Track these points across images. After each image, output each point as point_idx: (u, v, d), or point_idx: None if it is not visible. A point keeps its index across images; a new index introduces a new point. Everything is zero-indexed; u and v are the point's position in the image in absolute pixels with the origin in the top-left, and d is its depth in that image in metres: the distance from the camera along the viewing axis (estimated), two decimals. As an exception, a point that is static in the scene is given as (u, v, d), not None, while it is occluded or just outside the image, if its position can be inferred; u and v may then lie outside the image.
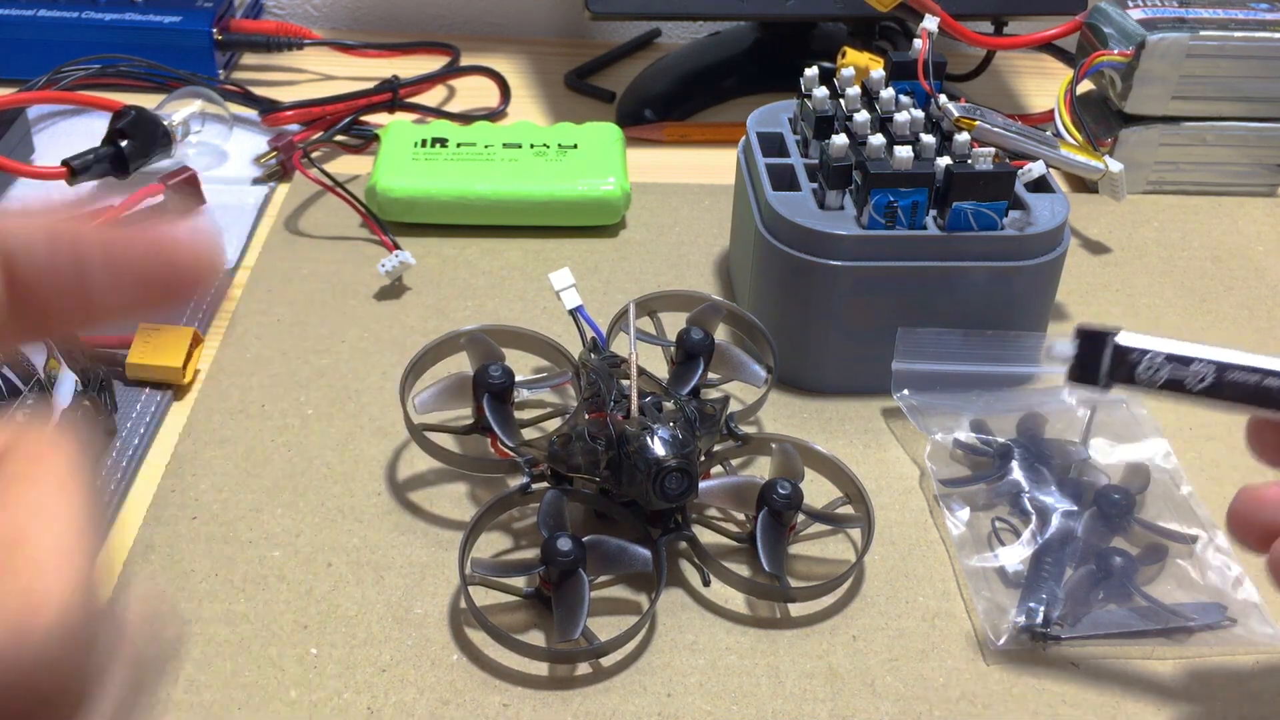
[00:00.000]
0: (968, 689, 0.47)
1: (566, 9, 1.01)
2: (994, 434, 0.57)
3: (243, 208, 0.74)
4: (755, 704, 0.46)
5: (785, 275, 0.58)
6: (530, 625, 0.49)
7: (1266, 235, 0.76)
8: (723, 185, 0.75)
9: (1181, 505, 0.54)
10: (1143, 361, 0.38)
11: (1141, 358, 0.38)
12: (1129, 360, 0.38)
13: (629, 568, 0.49)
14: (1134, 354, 0.38)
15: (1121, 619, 0.49)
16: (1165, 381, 0.38)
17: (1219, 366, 0.38)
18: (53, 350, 0.52)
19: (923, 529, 0.54)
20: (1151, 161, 0.78)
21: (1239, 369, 0.38)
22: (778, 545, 0.50)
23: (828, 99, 0.61)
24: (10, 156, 0.72)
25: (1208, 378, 0.38)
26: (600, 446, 0.49)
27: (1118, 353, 0.38)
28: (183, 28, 0.86)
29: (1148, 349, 0.38)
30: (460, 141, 0.75)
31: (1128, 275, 0.71)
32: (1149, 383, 0.38)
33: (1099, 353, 0.38)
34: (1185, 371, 0.38)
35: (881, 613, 0.50)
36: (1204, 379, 0.38)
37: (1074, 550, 0.51)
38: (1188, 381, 0.38)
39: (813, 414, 0.60)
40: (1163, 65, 0.74)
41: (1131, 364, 0.38)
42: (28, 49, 0.84)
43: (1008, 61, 0.96)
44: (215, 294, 0.66)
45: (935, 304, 0.58)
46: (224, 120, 0.79)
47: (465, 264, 0.70)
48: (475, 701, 0.46)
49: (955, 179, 0.56)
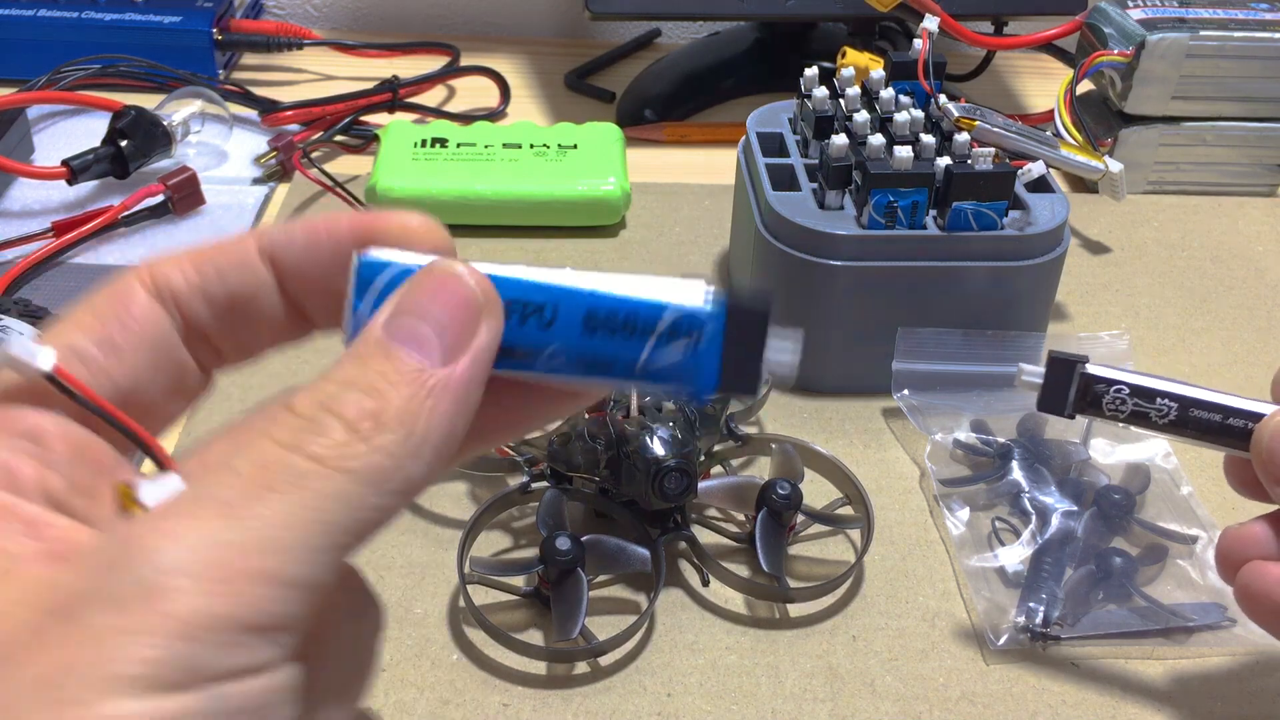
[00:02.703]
0: (968, 689, 0.47)
1: (566, 9, 1.01)
2: (994, 434, 0.57)
3: (243, 208, 0.74)
4: (755, 704, 0.46)
5: (785, 275, 0.58)
6: (529, 624, 0.49)
7: (1266, 235, 0.76)
8: (723, 185, 0.75)
9: (1181, 505, 0.54)
10: (1109, 393, 0.38)
11: (1108, 389, 0.38)
12: (1095, 391, 0.38)
13: (628, 567, 0.49)
14: (1100, 385, 0.38)
15: (1121, 619, 0.49)
16: (1130, 414, 0.38)
17: (1183, 403, 0.38)
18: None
19: (923, 529, 0.54)
20: (1151, 161, 0.78)
21: (1203, 406, 0.38)
22: (777, 545, 0.50)
23: (828, 99, 0.61)
24: (10, 156, 0.71)
25: (1171, 414, 0.38)
26: (599, 446, 0.49)
27: (1084, 382, 0.38)
28: (183, 28, 0.86)
29: (1115, 381, 0.38)
30: (460, 141, 0.75)
31: (1128, 275, 0.71)
32: (1114, 414, 0.38)
33: (1067, 381, 0.38)
34: (1149, 406, 0.38)
35: (881, 613, 0.50)
36: (1167, 415, 0.38)
37: (1074, 550, 0.51)
38: (1152, 416, 0.38)
39: (813, 414, 0.60)
40: (1163, 65, 0.74)
41: (1097, 395, 0.38)
42: (28, 49, 0.84)
43: (1008, 61, 0.96)
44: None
45: (935, 304, 0.58)
46: (224, 120, 0.79)
47: (465, 264, 0.70)
48: (475, 701, 0.46)
49: (955, 179, 0.56)
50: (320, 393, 0.21)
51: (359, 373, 0.22)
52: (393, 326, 0.22)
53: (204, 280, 0.24)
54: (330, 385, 0.22)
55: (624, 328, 0.23)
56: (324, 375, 0.22)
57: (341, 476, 0.21)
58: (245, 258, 0.24)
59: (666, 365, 0.23)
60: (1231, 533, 0.40)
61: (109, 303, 0.24)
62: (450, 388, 0.22)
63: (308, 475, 0.20)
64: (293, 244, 0.24)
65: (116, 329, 0.24)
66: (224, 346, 0.25)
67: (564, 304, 0.23)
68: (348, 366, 0.22)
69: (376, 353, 0.22)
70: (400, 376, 0.22)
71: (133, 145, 0.73)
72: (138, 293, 0.24)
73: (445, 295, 0.22)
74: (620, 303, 0.23)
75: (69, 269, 0.68)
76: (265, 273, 0.24)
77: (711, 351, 0.23)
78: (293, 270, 0.24)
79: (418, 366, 0.22)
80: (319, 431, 0.21)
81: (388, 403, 0.21)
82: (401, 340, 0.22)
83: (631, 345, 0.23)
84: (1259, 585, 0.39)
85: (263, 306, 0.25)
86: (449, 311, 0.22)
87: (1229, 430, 0.38)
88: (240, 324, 0.25)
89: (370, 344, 0.22)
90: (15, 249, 0.68)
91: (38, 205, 0.73)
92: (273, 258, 0.24)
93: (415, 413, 0.21)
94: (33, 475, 0.22)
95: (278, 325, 0.25)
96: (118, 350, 0.23)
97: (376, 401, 0.21)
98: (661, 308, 0.23)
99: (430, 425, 0.22)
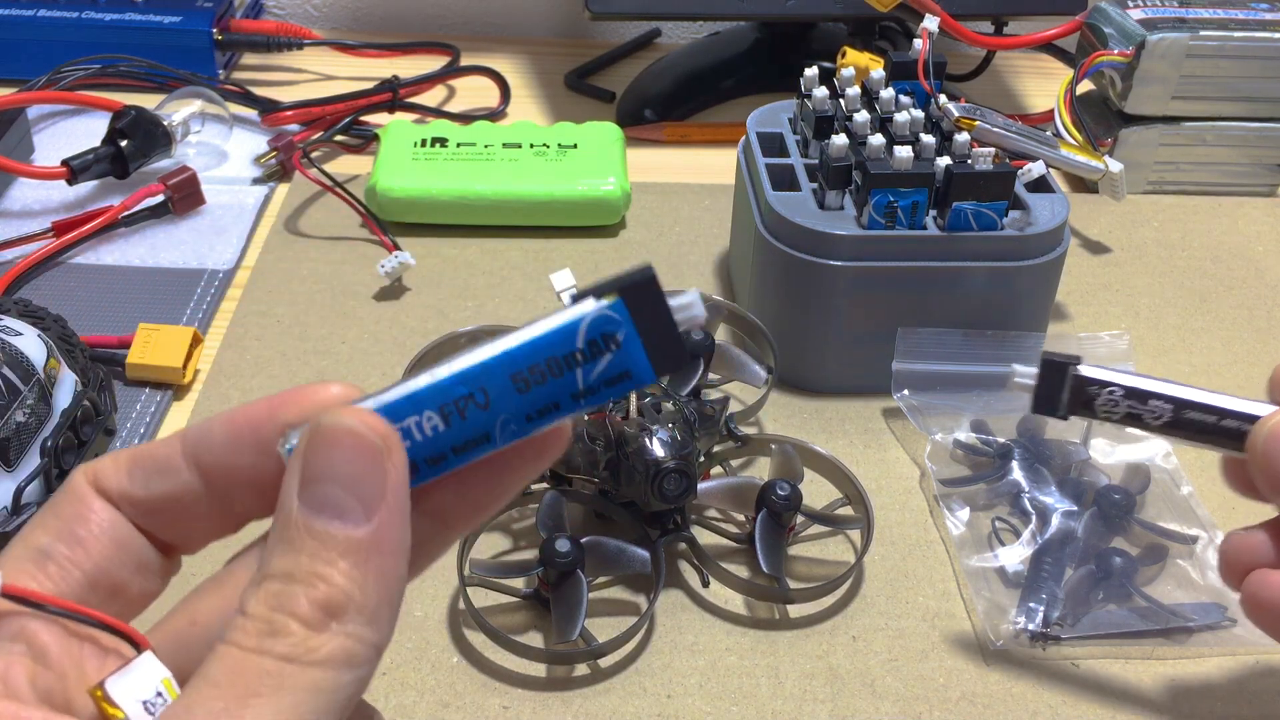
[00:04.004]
0: (968, 689, 0.47)
1: (566, 9, 1.01)
2: (994, 434, 0.57)
3: (243, 208, 0.74)
4: (755, 704, 0.46)
5: (785, 275, 0.58)
6: (529, 626, 0.49)
7: (1266, 235, 0.76)
8: (723, 185, 0.75)
9: (1181, 505, 0.54)
10: (1101, 395, 0.38)
11: (1100, 391, 0.38)
12: (1088, 392, 0.38)
13: (628, 569, 0.49)
14: (1093, 386, 0.38)
15: (1121, 619, 0.49)
16: (1124, 415, 0.38)
17: (1177, 405, 0.38)
18: (53, 350, 0.52)
19: (923, 529, 0.54)
20: (1151, 161, 0.78)
21: (1198, 408, 0.38)
22: (777, 546, 0.50)
23: (828, 99, 0.61)
24: (10, 156, 0.72)
25: (1164, 415, 0.38)
26: (599, 447, 0.49)
27: (1077, 383, 0.38)
28: (183, 28, 0.86)
29: (1108, 382, 0.38)
30: (460, 141, 0.75)
31: (1128, 275, 0.71)
32: (1108, 415, 0.38)
33: (1060, 382, 0.38)
34: (1143, 408, 0.38)
35: (881, 613, 0.50)
36: (1161, 416, 0.38)
37: (1074, 550, 0.51)
38: (1145, 417, 0.38)
39: (813, 414, 0.60)
40: (1163, 65, 0.74)
41: (1090, 396, 0.38)
42: (28, 49, 0.84)
43: (1008, 61, 0.96)
44: (215, 294, 0.66)
45: (935, 304, 0.58)
46: (224, 120, 0.79)
47: (465, 264, 0.70)
48: (475, 704, 0.46)
49: (955, 179, 0.56)
50: (266, 594, 0.22)
51: (294, 563, 0.22)
52: (307, 499, 0.22)
53: (132, 484, 0.25)
54: (273, 583, 0.22)
55: (549, 367, 0.24)
56: (264, 568, 0.22)
57: (314, 670, 0.22)
58: (169, 462, 0.25)
59: (603, 377, 0.24)
60: (1235, 539, 0.40)
61: (68, 502, 0.25)
62: (380, 541, 0.22)
63: (283, 674, 0.21)
64: (213, 443, 0.25)
65: (78, 523, 0.25)
66: (166, 539, 0.26)
67: (487, 379, 0.24)
68: (282, 558, 0.22)
69: (302, 534, 0.22)
70: (333, 552, 0.22)
71: (133, 145, 0.73)
72: (88, 490, 0.25)
73: (344, 451, 0.23)
74: (533, 347, 0.24)
75: (69, 269, 0.68)
76: (188, 474, 0.25)
77: (633, 342, 0.24)
78: (218, 468, 0.25)
79: (344, 535, 0.22)
80: (279, 633, 0.22)
81: (333, 587, 0.22)
82: (318, 511, 0.22)
83: (566, 380, 0.24)
84: (1266, 595, 0.39)
85: (188, 506, 0.25)
86: (354, 467, 0.22)
87: (1224, 432, 0.38)
88: (170, 522, 0.26)
89: (293, 526, 0.22)
90: (15, 249, 0.68)
91: (38, 205, 0.73)
92: (196, 459, 0.25)
93: (360, 584, 0.22)
94: (25, 676, 0.23)
95: (209, 522, 0.26)
96: (81, 542, 0.25)
97: (321, 589, 0.22)
98: (573, 327, 0.24)
99: (378, 588, 0.22)
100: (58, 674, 0.24)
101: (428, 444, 0.24)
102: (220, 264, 0.69)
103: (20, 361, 0.50)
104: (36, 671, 0.23)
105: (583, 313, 0.24)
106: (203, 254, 0.70)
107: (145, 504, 0.25)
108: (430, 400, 0.24)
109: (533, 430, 0.24)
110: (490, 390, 0.24)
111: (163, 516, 0.25)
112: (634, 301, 0.24)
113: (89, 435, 0.53)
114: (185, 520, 0.25)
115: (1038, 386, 0.38)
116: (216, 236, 0.71)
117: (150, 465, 0.25)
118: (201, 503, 0.25)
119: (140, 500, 0.25)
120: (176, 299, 0.66)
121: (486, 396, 0.24)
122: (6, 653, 0.23)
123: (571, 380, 0.24)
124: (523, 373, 0.24)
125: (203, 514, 0.25)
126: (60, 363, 0.53)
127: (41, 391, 0.50)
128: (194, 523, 0.26)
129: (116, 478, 0.25)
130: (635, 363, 0.24)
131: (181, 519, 0.25)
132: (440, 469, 0.24)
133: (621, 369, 0.24)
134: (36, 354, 0.51)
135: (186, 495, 0.25)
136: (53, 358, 0.52)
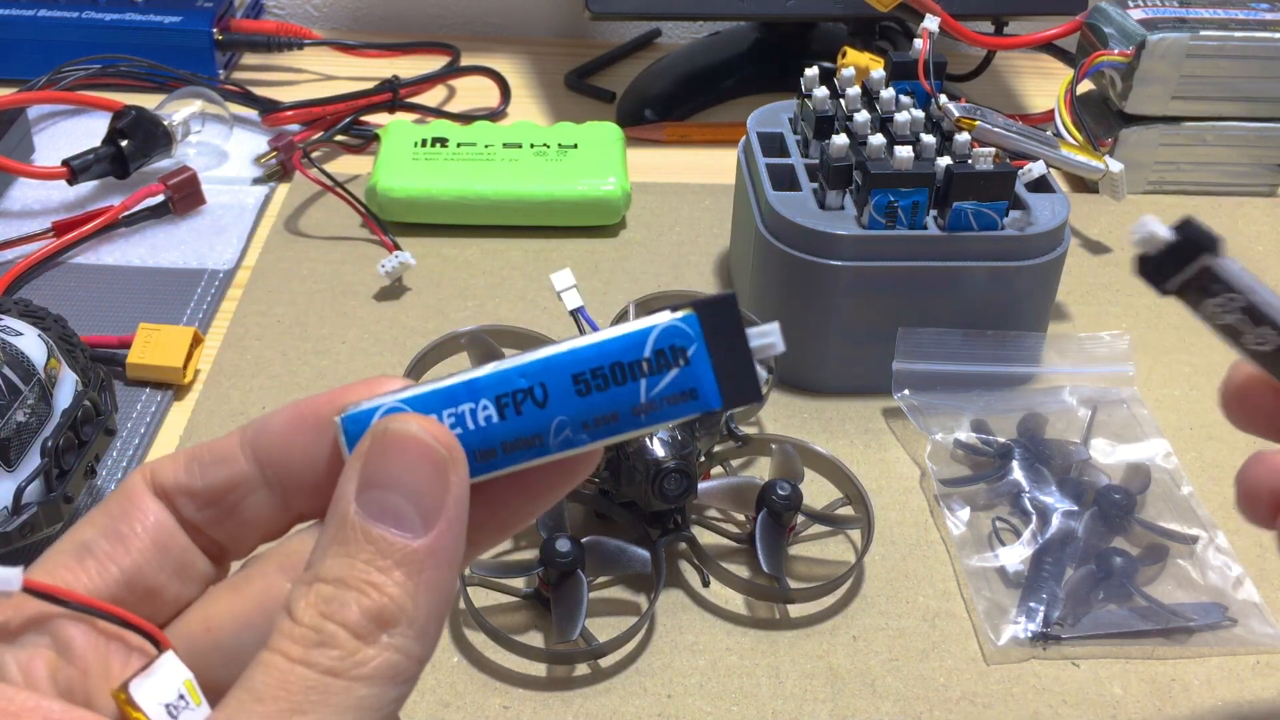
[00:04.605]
0: (968, 689, 0.47)
1: (566, 9, 1.01)
2: (994, 434, 0.57)
3: (243, 208, 0.74)
4: (755, 704, 0.46)
5: (785, 275, 0.58)
6: (529, 626, 0.49)
7: (1266, 235, 0.76)
8: (723, 185, 0.75)
9: (1182, 505, 0.54)
10: (1220, 296, 0.33)
11: (1220, 293, 0.33)
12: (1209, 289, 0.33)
13: (628, 568, 0.49)
14: (1216, 286, 0.33)
15: (1121, 619, 0.49)
16: (1226, 325, 0.34)
17: None
18: (53, 350, 0.52)
19: (923, 529, 0.54)
20: (1151, 161, 0.78)
21: None
22: (777, 546, 0.50)
23: (828, 99, 0.61)
24: (10, 156, 0.72)
25: (1268, 344, 0.33)
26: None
27: (1204, 274, 0.33)
28: (183, 28, 0.86)
29: (1235, 289, 0.33)
30: (460, 141, 0.75)
31: (1128, 275, 0.71)
32: (1211, 316, 0.34)
33: (1186, 261, 0.33)
34: (1250, 329, 0.33)
35: (881, 613, 0.50)
36: (1265, 344, 0.33)
37: (1074, 550, 0.51)
38: (1246, 338, 0.34)
39: (813, 414, 0.60)
40: (1163, 65, 0.74)
41: (1207, 290, 0.33)
42: (28, 49, 0.84)
43: (1008, 61, 0.96)
44: (215, 294, 0.66)
45: (935, 304, 0.58)
46: (224, 120, 0.79)
47: (465, 264, 0.70)
48: (475, 704, 0.46)
49: (955, 179, 0.56)
50: (317, 598, 0.22)
51: (348, 568, 0.22)
52: (366, 504, 0.22)
53: (189, 476, 0.25)
54: (325, 587, 0.22)
55: (612, 373, 0.23)
56: (315, 569, 0.22)
57: (360, 685, 0.21)
58: (227, 452, 0.25)
59: (667, 392, 0.23)
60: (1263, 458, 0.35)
61: (118, 499, 0.25)
62: (436, 553, 0.22)
63: (328, 690, 0.21)
64: (272, 427, 0.25)
65: (123, 521, 0.25)
66: (218, 538, 0.26)
67: (548, 375, 0.23)
68: (335, 560, 0.22)
69: (359, 538, 0.22)
70: (388, 560, 0.22)
71: (133, 145, 0.73)
72: (142, 489, 0.25)
73: (408, 459, 0.22)
74: (600, 349, 0.23)
75: (69, 269, 0.68)
76: (246, 465, 0.25)
77: (702, 360, 0.23)
78: (275, 450, 0.25)
79: (401, 544, 0.22)
80: (327, 643, 0.21)
81: (385, 596, 0.22)
82: (377, 517, 0.22)
83: (628, 390, 0.23)
84: None
85: (244, 499, 0.25)
86: (416, 476, 0.22)
87: None
88: (224, 516, 0.25)
89: (350, 528, 0.22)
90: (15, 249, 0.68)
91: (38, 205, 0.73)
92: (255, 448, 0.25)
93: (413, 595, 0.22)
94: (46, 670, 0.23)
95: (263, 518, 0.26)
96: (123, 539, 0.25)
97: (374, 598, 0.22)
98: (642, 335, 0.23)
99: (429, 600, 0.22)
100: (81, 670, 0.24)
101: (480, 434, 0.23)
102: (220, 264, 0.69)
103: (21, 361, 0.50)
104: (59, 666, 0.23)
105: (655, 322, 0.23)
106: (203, 254, 0.70)
107: (202, 495, 0.25)
108: (488, 389, 0.23)
109: (586, 443, 0.24)
110: (550, 387, 0.23)
111: (217, 509, 0.25)
112: (708, 318, 0.23)
113: (89, 435, 0.53)
114: (239, 514, 0.25)
115: (1159, 254, 0.33)
116: (217, 236, 0.71)
117: (208, 457, 0.25)
118: (257, 494, 0.25)
119: (197, 491, 0.25)
120: (177, 299, 0.66)
121: (545, 393, 0.23)
122: (31, 645, 0.23)
123: (634, 391, 0.23)
124: (585, 374, 0.23)
125: (257, 507, 0.25)
126: (61, 363, 0.53)
127: (42, 391, 0.50)
128: (247, 516, 0.25)
129: (174, 472, 0.25)
130: (702, 383, 0.23)
131: (235, 512, 0.25)
132: (488, 467, 0.24)
133: (687, 386, 0.23)
134: (37, 354, 0.51)
135: (243, 484, 0.25)
136: (53, 358, 0.52)
